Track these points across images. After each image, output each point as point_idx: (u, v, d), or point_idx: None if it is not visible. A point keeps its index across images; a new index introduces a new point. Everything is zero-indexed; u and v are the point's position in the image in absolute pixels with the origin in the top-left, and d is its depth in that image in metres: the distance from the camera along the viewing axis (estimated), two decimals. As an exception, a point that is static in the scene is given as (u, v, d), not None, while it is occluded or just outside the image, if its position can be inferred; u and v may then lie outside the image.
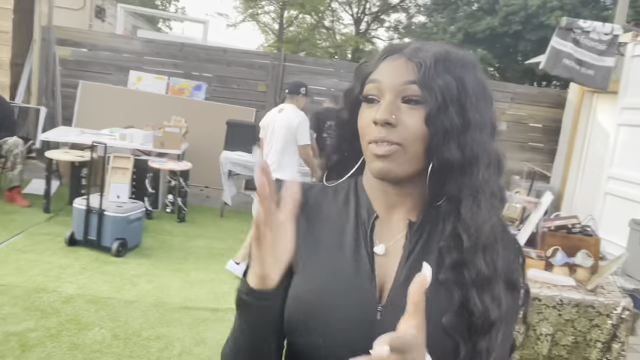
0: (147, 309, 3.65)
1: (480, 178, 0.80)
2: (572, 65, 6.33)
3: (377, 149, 0.79)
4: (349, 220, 0.86)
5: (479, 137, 0.80)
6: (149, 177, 5.77)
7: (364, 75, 0.85)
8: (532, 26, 15.58)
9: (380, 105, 0.80)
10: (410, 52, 0.82)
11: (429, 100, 0.78)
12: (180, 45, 7.92)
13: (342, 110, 0.91)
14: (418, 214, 0.85)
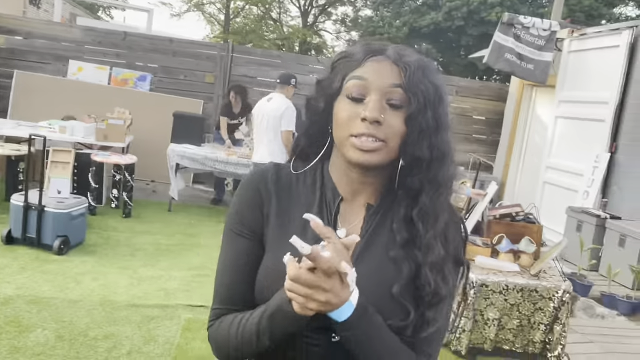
0: (93, 308, 3.51)
1: (443, 174, 0.91)
2: (514, 60, 6.57)
3: (363, 143, 0.86)
4: (315, 201, 0.94)
5: (446, 138, 0.91)
6: (92, 171, 5.54)
7: (345, 71, 0.91)
8: (474, 22, 16.07)
9: (367, 103, 0.87)
10: (395, 56, 0.89)
11: (411, 102, 0.86)
12: (123, 34, 7.63)
13: (317, 100, 0.95)
14: (377, 199, 0.94)
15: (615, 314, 4.30)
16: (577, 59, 6.54)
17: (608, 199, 5.71)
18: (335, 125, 0.91)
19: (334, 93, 0.92)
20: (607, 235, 5.19)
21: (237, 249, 0.95)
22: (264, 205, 0.94)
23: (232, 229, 0.96)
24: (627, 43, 5.72)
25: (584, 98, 6.32)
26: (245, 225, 0.95)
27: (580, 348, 3.62)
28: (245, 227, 0.95)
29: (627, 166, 5.69)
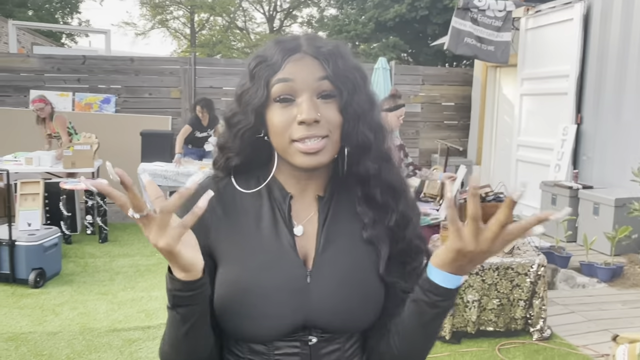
0: (73, 338, 3.46)
1: (388, 148, 0.93)
2: (474, 43, 6.63)
3: (309, 146, 0.84)
4: (263, 204, 0.92)
5: (378, 112, 0.92)
6: (63, 199, 5.46)
7: (267, 76, 0.87)
8: (437, 10, 16.17)
9: (300, 104, 0.85)
10: (312, 49, 0.87)
11: (342, 92, 0.86)
12: (82, 58, 7.54)
13: (244, 114, 0.90)
14: (325, 189, 0.94)
15: (596, 281, 4.36)
16: (535, 36, 6.62)
17: (579, 169, 5.79)
18: (272, 134, 0.88)
19: (262, 102, 0.88)
20: (581, 205, 5.26)
21: None
22: (209, 224, 0.90)
23: None
24: (580, 15, 5.81)
25: (546, 74, 6.40)
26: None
27: (562, 319, 3.66)
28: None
29: (594, 136, 5.77)
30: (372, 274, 0.89)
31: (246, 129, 0.90)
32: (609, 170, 5.55)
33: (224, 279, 0.87)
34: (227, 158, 0.94)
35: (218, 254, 0.89)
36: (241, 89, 0.91)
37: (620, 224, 4.60)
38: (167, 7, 23.64)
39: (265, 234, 0.90)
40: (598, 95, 5.72)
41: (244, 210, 0.92)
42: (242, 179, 0.95)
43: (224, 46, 22.83)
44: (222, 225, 0.90)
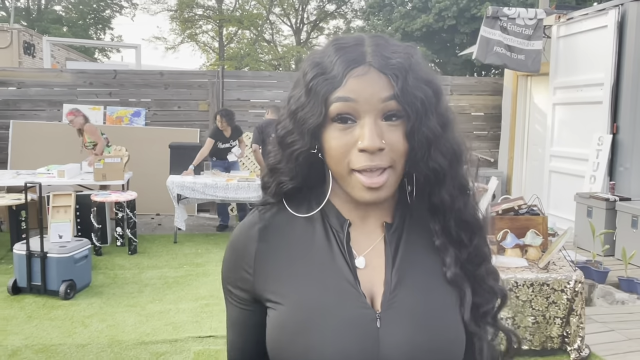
0: (101, 350, 3.47)
1: (464, 175, 0.81)
2: (503, 52, 6.51)
3: (372, 180, 0.74)
4: (316, 231, 0.81)
5: (455, 135, 0.80)
6: (94, 211, 5.55)
7: (325, 93, 0.75)
8: (465, 19, 16.06)
9: (363, 129, 0.73)
10: (378, 61, 0.74)
11: (410, 114, 0.74)
12: (113, 72, 7.71)
13: (300, 134, 0.78)
14: (392, 215, 0.83)
15: (636, 297, 4.18)
16: (567, 44, 6.47)
17: (615, 181, 5.59)
18: (329, 157, 0.77)
19: (319, 122, 0.76)
20: (619, 218, 5.07)
21: (231, 312, 0.87)
22: (253, 264, 0.81)
23: (224, 289, 0.88)
24: (614, 22, 5.65)
25: (579, 82, 6.23)
26: (233, 293, 0.85)
27: (601, 338, 3.51)
28: (233, 295, 0.85)
29: (631, 146, 5.57)
30: (455, 320, 0.78)
31: (301, 150, 0.79)
32: (647, 182, 5.34)
33: (275, 320, 0.78)
34: (279, 183, 0.83)
35: (267, 294, 0.80)
36: (296, 103, 0.78)
37: (661, 237, 4.41)
38: (196, 21, 24.09)
39: (321, 266, 0.79)
40: (635, 103, 5.53)
41: (296, 240, 0.82)
42: (293, 204, 0.84)
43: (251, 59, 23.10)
44: (270, 262, 0.81)
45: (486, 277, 0.81)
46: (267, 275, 0.80)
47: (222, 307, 4.26)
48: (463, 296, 0.79)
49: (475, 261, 0.81)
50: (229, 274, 0.85)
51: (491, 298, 0.81)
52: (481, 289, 0.80)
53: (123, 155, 5.94)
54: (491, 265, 0.83)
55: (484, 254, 0.82)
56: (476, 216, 0.82)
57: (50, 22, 21.34)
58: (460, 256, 0.80)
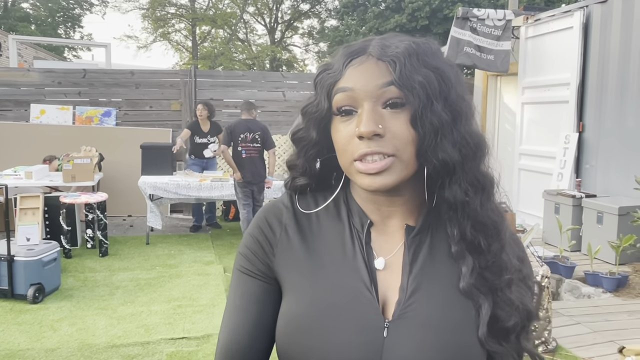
0: (71, 355, 3.41)
1: (482, 172, 0.75)
2: (473, 52, 6.62)
3: (369, 165, 0.71)
4: (345, 230, 0.79)
5: (471, 127, 0.75)
6: (63, 213, 5.44)
7: (328, 86, 0.76)
8: (438, 20, 16.26)
9: (360, 116, 0.72)
10: (378, 50, 0.73)
11: (411, 99, 0.70)
12: (82, 71, 7.57)
13: (307, 130, 0.80)
14: (417, 219, 0.78)
15: (601, 291, 4.30)
16: (535, 45, 6.61)
17: (582, 178, 5.74)
18: (337, 153, 0.76)
19: (325, 116, 0.76)
20: (585, 214, 5.21)
21: (244, 289, 0.82)
22: (277, 243, 0.81)
23: (239, 268, 0.83)
24: (580, 24, 5.80)
25: (547, 82, 6.38)
26: (254, 264, 0.81)
27: (568, 331, 3.60)
28: (254, 267, 0.81)
29: (596, 144, 5.73)
30: (471, 338, 0.71)
31: (309, 145, 0.80)
32: (612, 179, 5.50)
33: (286, 311, 0.77)
34: (293, 178, 0.84)
35: (283, 280, 0.79)
36: (307, 101, 0.81)
37: (624, 232, 4.55)
38: (168, 20, 23.79)
39: (341, 267, 0.77)
40: (599, 103, 5.69)
41: (321, 236, 0.80)
42: (310, 200, 0.84)
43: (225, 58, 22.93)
44: (294, 248, 0.79)
45: (507, 289, 0.73)
46: (285, 262, 0.79)
47: (195, 309, 4.24)
48: (479, 310, 0.72)
49: (495, 270, 0.74)
50: (254, 246, 0.82)
51: (513, 313, 0.73)
52: (502, 302, 0.73)
53: (93, 156, 5.84)
54: (518, 276, 0.75)
55: (504, 263, 0.74)
56: (495, 219, 0.75)
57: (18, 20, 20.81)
58: (479, 264, 0.74)
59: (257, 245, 0.82)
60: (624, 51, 5.37)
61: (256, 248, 0.82)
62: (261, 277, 0.81)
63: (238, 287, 0.83)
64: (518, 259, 0.77)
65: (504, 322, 0.72)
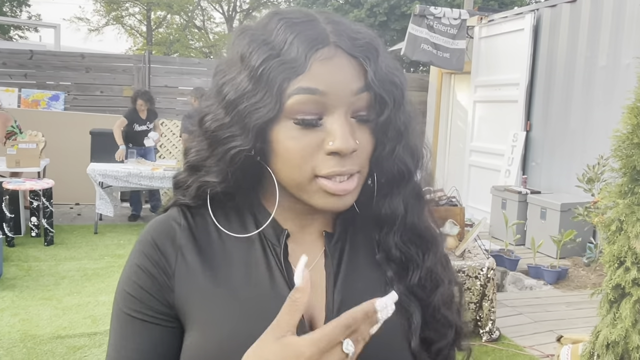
0: (13, 346, 3.29)
1: (423, 183, 0.70)
2: (430, 50, 6.74)
3: (339, 187, 0.61)
4: (255, 245, 0.67)
5: (418, 137, 0.68)
6: (6, 200, 5.21)
7: (282, 82, 0.59)
8: (396, 16, 16.46)
9: (332, 127, 0.60)
10: (345, 41, 0.61)
11: (383, 108, 0.62)
12: (29, 52, 7.25)
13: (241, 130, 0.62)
14: (334, 224, 0.70)
15: (542, 283, 4.50)
16: (488, 45, 6.81)
17: (528, 175, 5.98)
18: (282, 162, 0.62)
19: (271, 117, 0.60)
20: (530, 209, 5.43)
21: (139, 341, 0.65)
22: (174, 272, 0.65)
23: (127, 312, 0.65)
24: (531, 26, 6.01)
25: (498, 81, 6.59)
26: (148, 305, 0.65)
27: (510, 321, 3.76)
28: (149, 308, 0.65)
29: (542, 143, 5.98)
30: (403, 351, 0.65)
31: (241, 150, 0.62)
32: (555, 176, 5.75)
33: (196, 347, 0.63)
34: (202, 184, 0.67)
35: (187, 316, 0.64)
36: (236, 91, 0.61)
37: (565, 228, 4.77)
38: (122, 3, 23.03)
39: (257, 287, 0.65)
40: (546, 103, 5.93)
41: (226, 254, 0.66)
42: (220, 213, 0.69)
43: (181, 45, 22.43)
44: (195, 274, 0.65)
45: (441, 306, 0.68)
46: (187, 293, 0.64)
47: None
48: (410, 319, 0.66)
49: (428, 286, 0.68)
50: (146, 280, 0.65)
51: (446, 332, 0.68)
52: (435, 321, 0.68)
53: (39, 141, 5.61)
54: (448, 296, 0.70)
55: (439, 279, 0.69)
56: (430, 230, 0.70)
57: (-42, -4, 19.63)
58: (411, 279, 0.68)
59: (149, 278, 0.65)
60: (570, 54, 5.61)
61: (149, 283, 0.65)
62: (161, 321, 0.65)
63: (128, 339, 0.65)
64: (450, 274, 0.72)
65: (436, 344, 0.68)
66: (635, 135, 2.06)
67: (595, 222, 3.93)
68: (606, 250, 2.16)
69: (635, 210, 2.04)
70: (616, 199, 2.12)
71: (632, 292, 2.04)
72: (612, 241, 2.13)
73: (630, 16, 4.92)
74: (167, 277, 0.65)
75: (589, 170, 4.64)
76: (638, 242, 1.99)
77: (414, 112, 0.68)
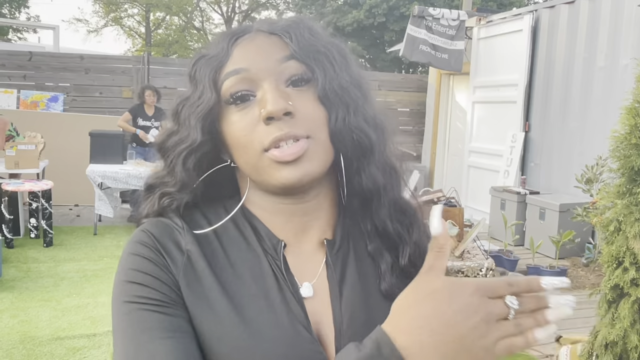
0: (12, 347, 3.29)
1: (394, 151, 0.69)
2: (428, 51, 6.76)
3: (286, 152, 0.59)
4: (259, 257, 0.64)
5: (374, 103, 0.67)
6: (5, 201, 5.20)
7: (212, 73, 0.63)
8: (394, 17, 16.48)
9: (263, 97, 0.60)
10: (266, 25, 0.65)
11: (316, 72, 0.62)
12: (28, 54, 7.26)
13: (185, 132, 0.64)
14: (334, 229, 0.68)
15: (541, 284, 4.50)
16: (487, 46, 6.82)
17: (526, 175, 5.99)
18: (234, 150, 0.63)
19: (211, 107, 0.62)
20: (529, 210, 5.44)
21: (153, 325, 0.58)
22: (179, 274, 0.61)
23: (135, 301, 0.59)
24: (529, 27, 6.02)
25: (497, 82, 6.60)
26: (161, 292, 0.59)
27: (509, 321, 3.75)
28: (163, 295, 0.59)
29: (541, 143, 5.99)
30: None
31: (190, 150, 0.63)
32: (554, 177, 5.76)
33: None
34: (162, 196, 0.65)
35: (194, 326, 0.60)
36: (179, 99, 0.66)
37: (564, 228, 4.78)
38: (121, 4, 23.04)
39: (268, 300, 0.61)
40: (545, 104, 5.94)
41: (231, 263, 0.63)
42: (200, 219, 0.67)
43: (180, 46, 22.44)
44: (203, 282, 0.61)
45: None
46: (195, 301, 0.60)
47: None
48: None
49: (416, 262, 0.65)
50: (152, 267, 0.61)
51: None
52: None
53: (38, 143, 5.61)
54: None
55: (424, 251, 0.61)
56: (410, 202, 0.70)
57: (-44, -3, 19.63)
58: (402, 260, 0.66)
59: (155, 266, 0.61)
60: (569, 55, 5.63)
61: (157, 270, 0.60)
62: (176, 307, 0.59)
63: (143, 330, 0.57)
64: None
65: None
66: (633, 135, 2.07)
67: (594, 222, 3.94)
68: (605, 250, 2.16)
69: (634, 210, 2.05)
70: (614, 199, 2.13)
71: (631, 292, 2.05)
72: (611, 241, 2.13)
73: (629, 17, 4.93)
74: (172, 275, 0.61)
75: (588, 171, 4.65)
76: (636, 243, 2.00)
77: (366, 86, 0.67)
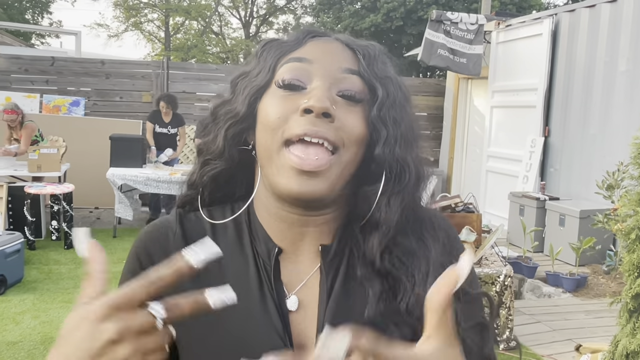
0: (34, 348, 3.35)
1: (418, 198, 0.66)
2: (447, 55, 6.73)
3: (306, 161, 0.57)
4: (249, 263, 0.63)
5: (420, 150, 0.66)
6: (27, 204, 5.31)
7: (277, 55, 0.64)
8: (412, 21, 16.43)
9: (312, 91, 0.60)
10: (345, 38, 0.66)
11: (377, 94, 0.62)
12: (51, 59, 7.39)
13: (235, 102, 0.65)
14: (333, 236, 0.65)
15: (561, 291, 4.45)
16: (506, 50, 6.77)
17: (546, 181, 5.91)
18: (261, 134, 0.62)
19: (261, 87, 0.63)
20: (548, 216, 5.37)
21: None
22: None
23: None
24: (549, 31, 5.96)
25: (516, 86, 6.54)
26: None
27: (528, 329, 3.72)
28: None
29: (561, 148, 5.91)
30: None
31: (232, 120, 0.64)
32: (574, 183, 5.68)
33: None
34: (204, 164, 0.67)
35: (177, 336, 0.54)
36: (241, 73, 0.67)
37: (584, 235, 4.71)
38: (141, 9, 23.37)
39: (245, 310, 0.60)
40: (565, 108, 5.86)
41: (220, 269, 0.62)
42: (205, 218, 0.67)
43: (198, 50, 22.65)
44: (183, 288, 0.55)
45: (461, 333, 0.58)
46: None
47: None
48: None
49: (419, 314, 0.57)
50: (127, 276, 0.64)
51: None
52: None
53: (60, 146, 5.71)
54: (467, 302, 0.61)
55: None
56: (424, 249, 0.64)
57: (-18, 3, 20.10)
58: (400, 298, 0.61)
59: (130, 273, 0.65)
60: (589, 59, 5.55)
61: (130, 275, 0.64)
62: None
63: None
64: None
65: None
66: (655, 142, 2.04)
67: (615, 229, 3.87)
68: (626, 258, 2.13)
69: (656, 218, 2.02)
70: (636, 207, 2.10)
71: (653, 302, 2.01)
72: (632, 250, 2.10)
73: (651, 21, 4.85)
74: None
75: (609, 177, 4.58)
76: (659, 251, 1.96)
77: (419, 129, 0.67)
